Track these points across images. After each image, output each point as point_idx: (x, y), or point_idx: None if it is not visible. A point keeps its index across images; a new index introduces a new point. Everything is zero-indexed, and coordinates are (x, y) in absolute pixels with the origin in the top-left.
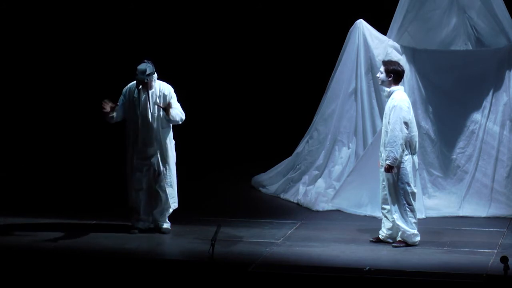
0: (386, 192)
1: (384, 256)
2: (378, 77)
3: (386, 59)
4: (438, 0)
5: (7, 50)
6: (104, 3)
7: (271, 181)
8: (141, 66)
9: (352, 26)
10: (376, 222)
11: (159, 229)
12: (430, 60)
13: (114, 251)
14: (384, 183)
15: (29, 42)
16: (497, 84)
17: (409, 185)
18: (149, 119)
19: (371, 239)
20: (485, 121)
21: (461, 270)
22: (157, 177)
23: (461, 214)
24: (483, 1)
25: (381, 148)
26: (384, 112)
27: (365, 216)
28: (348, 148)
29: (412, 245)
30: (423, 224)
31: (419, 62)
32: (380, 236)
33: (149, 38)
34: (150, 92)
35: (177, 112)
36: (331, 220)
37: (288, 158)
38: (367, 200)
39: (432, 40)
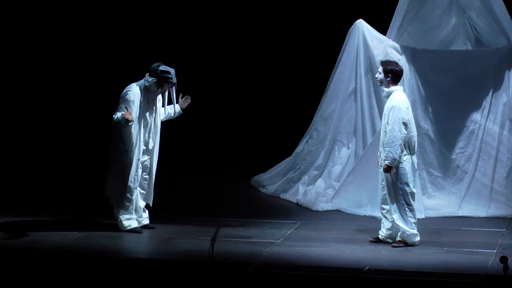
0: (386, 192)
1: (384, 256)
2: (377, 77)
3: (384, 59)
4: (438, 0)
5: (7, 50)
6: (103, 2)
7: (270, 181)
8: (170, 69)
9: (352, 26)
10: (375, 222)
11: (145, 225)
12: (429, 60)
13: (113, 251)
14: (383, 183)
15: (28, 42)
16: (496, 84)
17: (408, 185)
18: (158, 119)
19: (371, 239)
20: (484, 121)
21: (461, 270)
22: (144, 173)
23: (460, 214)
24: (482, 1)
25: (380, 148)
26: (383, 113)
27: (365, 216)
28: (348, 148)
29: (412, 245)
30: (422, 224)
31: (419, 62)
32: (379, 236)
33: (148, 37)
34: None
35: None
36: (330, 220)
37: (288, 158)
38: (366, 200)
39: (431, 40)
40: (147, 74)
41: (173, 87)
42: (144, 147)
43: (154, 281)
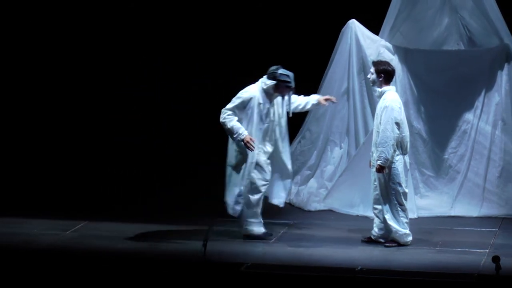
0: (378, 192)
1: (376, 256)
2: (369, 78)
3: (376, 60)
4: (430, 0)
5: (7, 50)
6: (103, 2)
7: None
8: (290, 72)
9: (345, 26)
10: (368, 222)
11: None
12: (422, 60)
13: (107, 251)
14: (375, 183)
15: (28, 42)
16: (489, 84)
17: (401, 185)
18: (281, 122)
19: (363, 239)
20: (477, 121)
21: (453, 270)
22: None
23: (453, 214)
24: (475, 1)
25: (373, 148)
26: (376, 112)
27: (357, 216)
28: (340, 148)
29: (404, 245)
30: (415, 224)
31: (411, 62)
32: (372, 236)
33: (148, 37)
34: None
35: None
36: (323, 220)
37: None
38: (359, 200)
39: (424, 40)
40: (265, 76)
41: (291, 91)
42: (262, 150)
43: (147, 281)
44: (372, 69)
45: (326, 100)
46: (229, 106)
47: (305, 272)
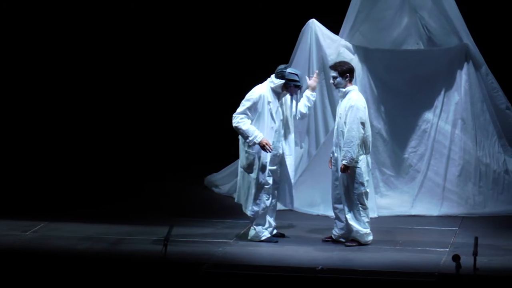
0: (339, 191)
1: (337, 255)
2: (333, 82)
3: (334, 63)
4: (390, 0)
5: (8, 50)
6: (103, 3)
7: (223, 180)
8: (297, 71)
9: (305, 26)
10: (328, 222)
11: (275, 234)
12: (382, 60)
13: (66, 251)
14: (336, 182)
15: (28, 43)
16: (448, 83)
17: (363, 185)
18: (288, 123)
19: (324, 239)
20: (437, 120)
21: (413, 269)
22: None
23: (413, 213)
24: (434, 1)
25: (334, 148)
26: (339, 112)
27: (318, 215)
28: (301, 147)
29: (365, 244)
30: (375, 223)
31: (371, 62)
32: (332, 236)
33: (148, 38)
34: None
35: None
36: (284, 220)
37: None
38: (319, 199)
39: (384, 40)
40: (273, 75)
41: (299, 90)
42: (274, 152)
43: (107, 281)
44: (335, 73)
45: (313, 86)
46: (240, 109)
47: (266, 271)
